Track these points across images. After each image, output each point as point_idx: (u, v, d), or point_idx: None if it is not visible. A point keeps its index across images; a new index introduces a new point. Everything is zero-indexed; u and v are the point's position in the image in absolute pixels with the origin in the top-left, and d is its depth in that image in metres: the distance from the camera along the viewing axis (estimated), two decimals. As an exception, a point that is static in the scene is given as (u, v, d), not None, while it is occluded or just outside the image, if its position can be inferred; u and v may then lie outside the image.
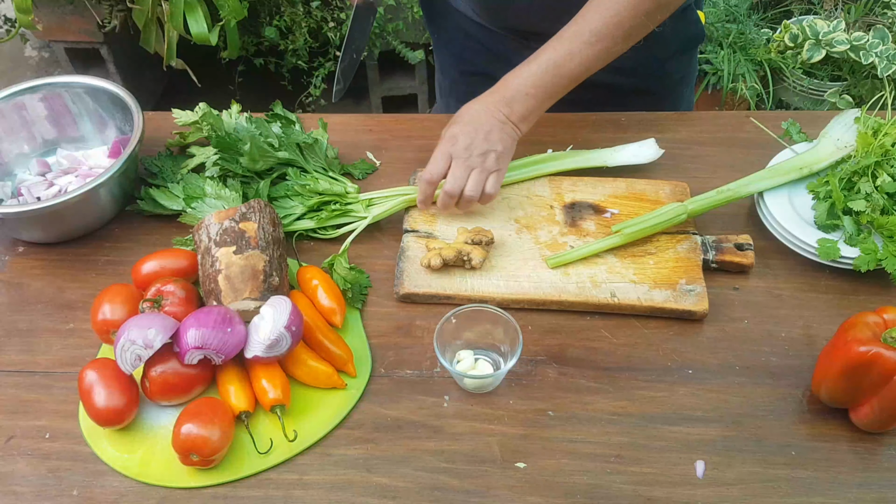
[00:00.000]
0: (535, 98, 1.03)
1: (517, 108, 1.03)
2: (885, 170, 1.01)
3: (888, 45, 2.17)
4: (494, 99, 1.03)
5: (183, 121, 1.17)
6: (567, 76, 1.02)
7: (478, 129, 1.01)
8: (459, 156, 1.01)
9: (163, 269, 0.98)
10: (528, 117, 1.04)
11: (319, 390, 0.91)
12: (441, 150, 1.03)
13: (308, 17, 2.49)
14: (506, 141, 1.03)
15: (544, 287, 0.99)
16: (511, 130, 1.03)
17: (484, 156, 1.01)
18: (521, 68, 1.04)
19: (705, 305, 0.96)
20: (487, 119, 1.02)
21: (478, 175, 1.01)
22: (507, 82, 1.04)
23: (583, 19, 1.01)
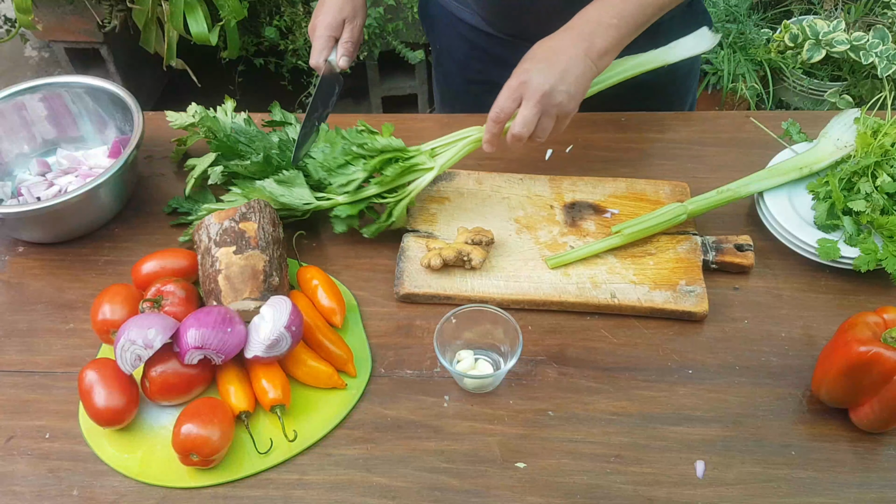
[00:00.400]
0: (617, 29, 0.96)
1: (598, 42, 0.95)
2: (884, 170, 1.01)
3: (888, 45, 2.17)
4: (571, 35, 0.97)
5: (178, 123, 1.17)
6: (652, 4, 0.97)
7: (553, 66, 0.94)
8: (531, 97, 0.94)
9: (163, 269, 0.98)
10: (610, 51, 0.97)
11: (319, 390, 0.91)
12: (511, 87, 0.96)
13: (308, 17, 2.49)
14: (581, 81, 0.96)
15: (544, 288, 0.99)
16: (588, 68, 0.96)
17: (556, 96, 0.94)
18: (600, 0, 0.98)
19: (705, 306, 0.96)
20: (564, 57, 0.95)
21: (547, 119, 0.96)
22: (585, 15, 0.98)
23: None
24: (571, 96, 0.95)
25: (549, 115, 0.96)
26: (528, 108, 0.95)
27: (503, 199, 1.11)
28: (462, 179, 1.14)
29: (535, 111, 0.95)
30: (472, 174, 1.15)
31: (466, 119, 1.28)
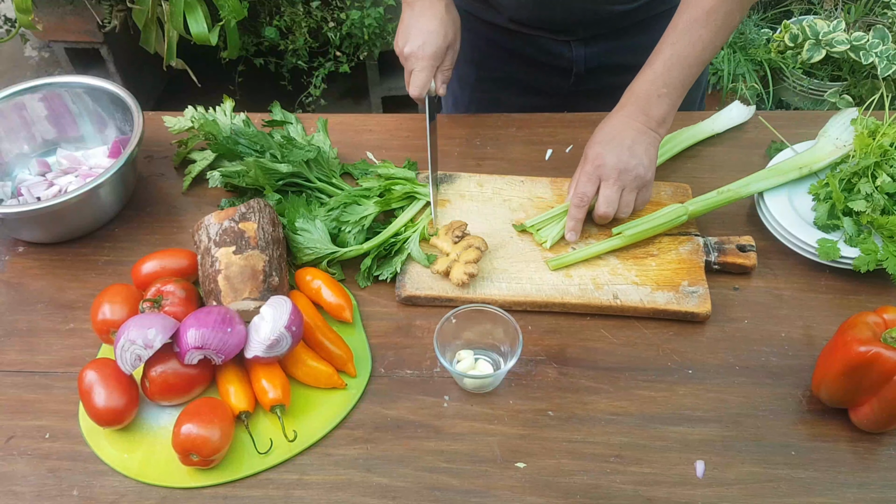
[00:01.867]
0: (668, 97, 1.00)
1: (654, 112, 1.00)
2: (884, 170, 1.01)
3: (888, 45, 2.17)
4: (628, 111, 1.02)
5: (176, 129, 1.17)
6: (695, 64, 1.00)
7: (621, 143, 0.99)
8: (609, 176, 0.99)
9: (163, 269, 0.98)
10: (667, 118, 1.02)
11: (319, 390, 0.91)
12: (587, 171, 1.01)
13: (308, 17, 2.49)
14: (650, 151, 1.01)
15: (546, 289, 0.99)
16: (652, 138, 1.01)
17: (632, 171, 0.99)
18: (645, 71, 1.01)
19: (708, 307, 0.96)
20: (627, 132, 1.00)
21: (629, 194, 1.00)
22: (634, 91, 1.02)
23: (692, 5, 0.99)
24: (646, 167, 1.00)
25: (629, 189, 1.00)
26: (608, 188, 1.00)
27: (504, 200, 1.11)
28: (463, 182, 1.14)
29: (616, 188, 1.00)
30: (473, 177, 1.15)
31: (465, 119, 1.28)
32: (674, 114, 1.02)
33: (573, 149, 1.21)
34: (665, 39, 1.01)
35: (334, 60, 2.59)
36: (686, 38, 0.99)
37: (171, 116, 1.18)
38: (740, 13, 1.00)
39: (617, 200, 1.00)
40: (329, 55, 2.60)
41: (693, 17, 0.98)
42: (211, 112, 1.17)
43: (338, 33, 2.51)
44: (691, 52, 0.99)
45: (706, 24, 0.98)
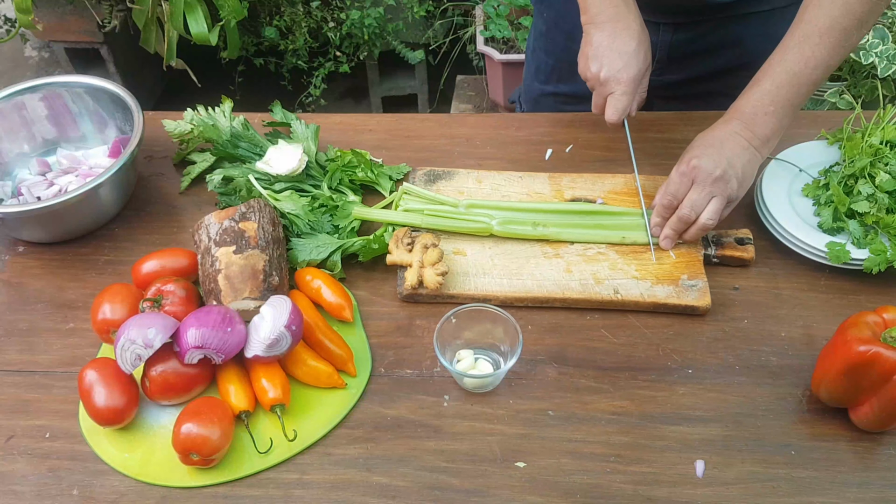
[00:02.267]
0: (775, 115, 0.96)
1: (759, 131, 0.97)
2: (880, 168, 1.01)
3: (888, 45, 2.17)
4: (733, 125, 0.98)
5: (176, 133, 1.17)
6: (806, 83, 0.95)
7: (721, 153, 0.96)
8: (703, 180, 0.96)
9: (163, 269, 0.98)
10: (772, 138, 0.98)
11: (319, 390, 0.91)
12: (682, 172, 0.98)
13: (308, 17, 2.49)
14: (747, 169, 0.97)
15: (547, 285, 0.99)
16: (753, 156, 0.98)
17: (726, 182, 0.96)
18: (752, 88, 0.98)
19: (708, 300, 0.96)
20: (730, 144, 0.97)
21: (718, 202, 0.96)
22: (740, 107, 0.99)
23: (806, 21, 0.95)
24: (741, 182, 0.97)
25: (720, 198, 0.97)
26: (697, 192, 0.97)
27: (503, 196, 1.11)
28: (461, 178, 1.14)
29: (706, 193, 0.96)
30: (471, 173, 1.15)
31: (465, 119, 1.28)
32: (780, 134, 0.99)
33: (573, 149, 1.21)
34: (776, 56, 0.97)
35: (334, 60, 2.59)
36: (798, 56, 0.95)
37: (170, 120, 1.18)
38: (858, 33, 0.94)
39: (703, 205, 0.97)
40: (329, 55, 2.60)
41: (806, 34, 0.94)
42: (210, 114, 1.17)
43: (338, 33, 2.51)
44: (803, 70, 0.95)
45: (820, 42, 0.93)
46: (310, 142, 1.15)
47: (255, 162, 1.13)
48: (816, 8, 0.94)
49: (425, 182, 1.13)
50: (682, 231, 1.00)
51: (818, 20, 0.94)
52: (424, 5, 2.50)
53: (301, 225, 1.05)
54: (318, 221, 1.06)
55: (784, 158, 1.11)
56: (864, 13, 0.93)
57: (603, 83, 1.04)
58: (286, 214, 1.06)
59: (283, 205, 1.06)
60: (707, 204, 0.97)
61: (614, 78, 1.03)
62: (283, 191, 1.10)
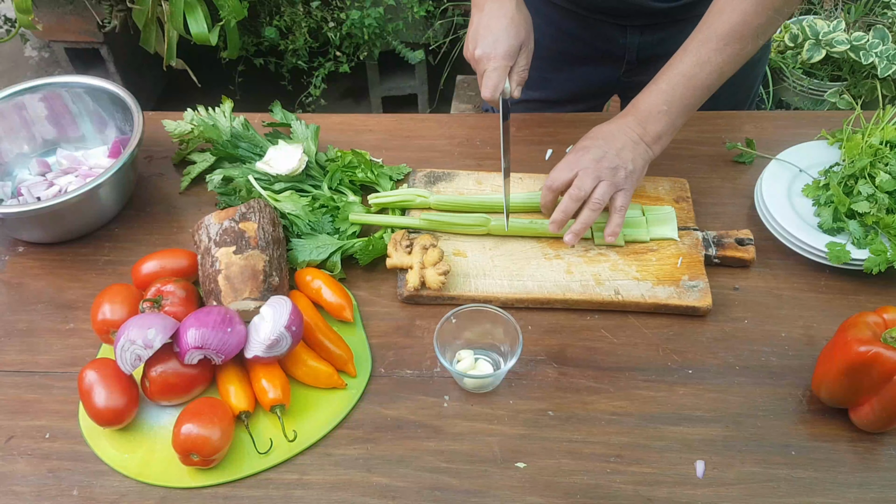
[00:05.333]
0: (668, 115, 0.99)
1: (651, 128, 1.00)
2: (880, 168, 1.01)
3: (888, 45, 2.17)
4: (627, 120, 1.01)
5: (177, 133, 1.17)
6: (700, 87, 0.98)
7: (610, 144, 0.99)
8: (587, 166, 0.98)
9: (163, 269, 0.98)
10: (663, 136, 1.01)
11: (319, 390, 0.91)
12: (567, 160, 1.00)
13: (308, 17, 2.49)
14: (637, 161, 0.99)
15: (548, 286, 0.99)
16: (644, 151, 1.00)
17: (614, 170, 0.98)
18: (650, 88, 1.01)
19: (709, 301, 0.96)
20: (621, 137, 0.99)
21: (606, 186, 0.97)
22: (637, 104, 1.01)
23: (707, 25, 0.98)
24: (629, 172, 0.98)
25: (607, 182, 0.98)
26: (584, 174, 0.98)
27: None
28: (462, 180, 1.14)
29: (592, 179, 0.97)
30: (471, 174, 1.15)
31: (465, 119, 1.28)
32: (673, 133, 1.01)
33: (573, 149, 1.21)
34: (675, 58, 1.00)
35: (334, 60, 2.59)
36: (694, 59, 0.97)
37: (170, 120, 1.18)
38: (753, 42, 0.97)
39: (591, 186, 0.97)
40: (329, 55, 2.60)
41: (705, 38, 0.97)
42: (210, 114, 1.17)
43: (338, 33, 2.51)
44: (698, 73, 0.97)
45: (717, 48, 0.96)
46: (310, 142, 1.15)
47: (255, 162, 1.13)
48: (718, 14, 0.97)
49: (425, 183, 1.13)
50: (571, 211, 0.99)
51: (718, 26, 0.96)
52: (424, 5, 2.50)
53: (301, 225, 1.05)
54: (319, 222, 1.06)
55: (784, 158, 1.11)
56: (760, 24, 0.96)
57: (478, 61, 1.05)
58: (286, 215, 1.06)
59: (283, 205, 1.06)
60: (595, 186, 0.98)
61: (486, 55, 1.03)
62: (283, 191, 1.10)
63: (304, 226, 1.05)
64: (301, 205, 1.07)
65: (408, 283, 0.98)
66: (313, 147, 1.15)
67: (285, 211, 1.06)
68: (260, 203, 0.99)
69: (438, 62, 2.78)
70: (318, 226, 1.05)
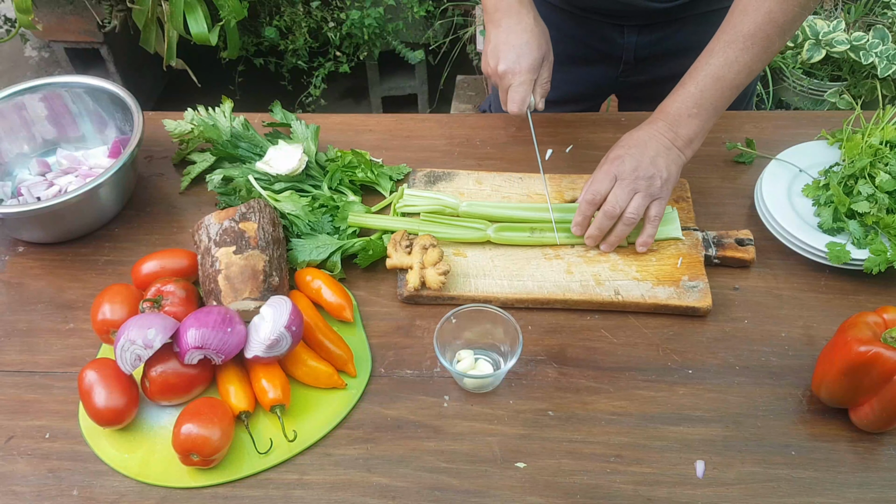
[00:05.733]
0: (698, 117, 0.99)
1: (682, 132, 0.99)
2: (880, 168, 1.01)
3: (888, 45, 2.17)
4: (657, 126, 1.00)
5: (177, 133, 1.17)
6: (729, 87, 0.97)
7: (644, 152, 0.98)
8: (625, 177, 0.98)
9: (163, 269, 0.98)
10: (695, 140, 1.00)
11: (319, 390, 0.91)
12: (605, 171, 1.00)
13: (308, 17, 2.49)
14: (671, 168, 0.99)
15: (548, 286, 0.99)
16: (677, 156, 1.00)
17: (650, 179, 0.98)
18: (678, 91, 1.00)
19: (709, 301, 0.96)
20: (653, 144, 0.99)
21: (641, 198, 0.98)
22: (665, 108, 1.01)
23: (732, 26, 0.97)
24: (664, 180, 0.98)
25: (642, 194, 0.98)
26: (620, 188, 0.98)
27: (503, 198, 1.11)
28: (462, 179, 1.14)
29: (630, 190, 0.98)
30: (471, 174, 1.15)
31: (465, 119, 1.28)
32: (704, 135, 1.01)
33: (573, 149, 1.21)
34: (701, 59, 0.99)
35: (334, 60, 2.59)
36: (722, 60, 0.97)
37: (170, 120, 1.18)
38: (780, 39, 0.96)
39: (626, 201, 0.98)
40: (329, 55, 2.60)
41: (731, 39, 0.96)
42: (210, 114, 1.17)
43: (338, 33, 2.51)
44: (726, 73, 0.97)
45: (744, 47, 0.95)
46: (310, 142, 1.15)
47: (255, 162, 1.13)
48: (742, 14, 0.96)
49: (425, 183, 1.13)
50: (606, 228, 1.00)
51: (743, 26, 0.96)
52: (424, 5, 2.50)
53: (301, 225, 1.05)
54: (319, 222, 1.06)
55: (784, 158, 1.11)
56: (786, 21, 0.95)
57: (501, 76, 1.06)
58: (286, 215, 1.06)
59: (283, 205, 1.06)
60: (630, 200, 0.98)
61: (510, 70, 1.04)
62: (282, 191, 1.10)
63: (303, 226, 1.05)
64: (301, 205, 1.07)
65: (408, 283, 0.98)
66: (313, 147, 1.15)
67: (285, 211, 1.06)
68: (260, 203, 0.99)
69: (438, 62, 2.78)
70: (317, 226, 1.05)
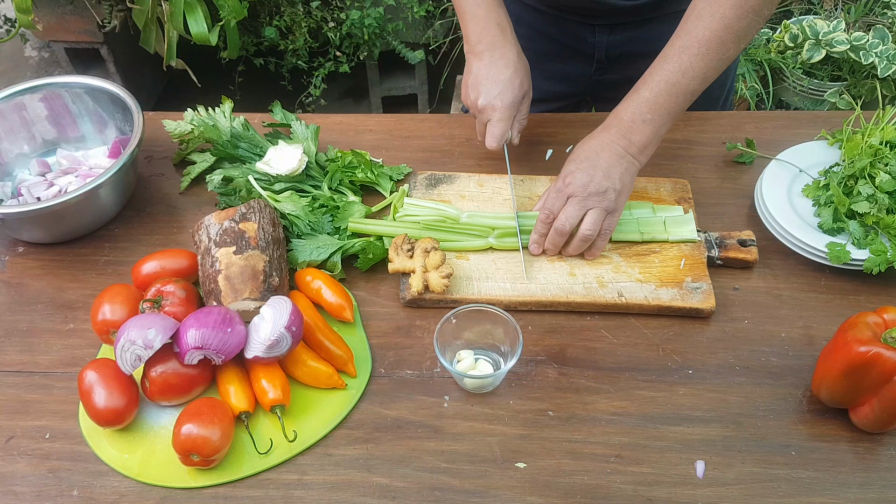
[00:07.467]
0: (652, 123, 0.98)
1: (636, 139, 0.98)
2: (880, 168, 1.01)
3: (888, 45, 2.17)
4: (610, 134, 0.99)
5: (177, 133, 1.17)
6: (683, 93, 0.97)
7: (596, 165, 0.98)
8: (576, 194, 0.98)
9: (163, 270, 0.98)
10: (649, 145, 0.99)
11: (319, 390, 0.91)
12: (557, 188, 1.00)
13: (308, 17, 2.49)
14: (625, 178, 0.98)
15: (551, 289, 0.99)
16: (630, 164, 0.99)
17: (602, 194, 0.97)
18: (632, 96, 0.99)
19: (712, 303, 0.96)
20: (606, 154, 0.98)
21: (595, 214, 0.98)
22: (619, 114, 1.00)
23: (686, 32, 0.96)
24: (618, 192, 0.98)
25: (597, 210, 0.98)
26: (572, 205, 0.98)
27: (504, 200, 1.11)
28: (463, 182, 1.14)
29: (581, 207, 0.98)
30: (472, 177, 1.15)
31: (465, 119, 1.28)
32: (657, 141, 1.00)
33: (573, 149, 1.21)
34: (655, 65, 0.99)
35: (334, 60, 2.59)
36: (677, 65, 0.96)
37: (170, 120, 1.18)
38: (735, 47, 0.96)
39: (577, 218, 0.98)
40: (329, 55, 2.60)
41: (685, 45, 0.96)
42: (210, 114, 1.17)
43: (338, 33, 2.51)
44: (680, 80, 0.96)
45: (699, 53, 0.95)
46: (310, 142, 1.15)
47: (255, 162, 1.13)
48: (697, 19, 0.95)
49: (426, 186, 1.13)
50: (559, 245, 1.01)
51: (698, 32, 0.95)
52: (424, 5, 2.50)
53: (301, 226, 1.05)
54: (319, 222, 1.06)
55: (784, 159, 1.11)
56: (741, 28, 0.94)
57: (481, 110, 1.07)
58: (286, 215, 1.06)
59: (283, 205, 1.06)
60: (583, 216, 0.98)
61: (490, 105, 1.05)
62: (282, 191, 1.10)
63: (304, 226, 1.05)
64: (301, 205, 1.07)
65: (411, 287, 0.97)
66: (313, 147, 1.15)
67: (285, 211, 1.06)
68: (260, 203, 0.99)
69: (438, 62, 2.78)
70: (318, 226, 1.05)
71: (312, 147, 1.15)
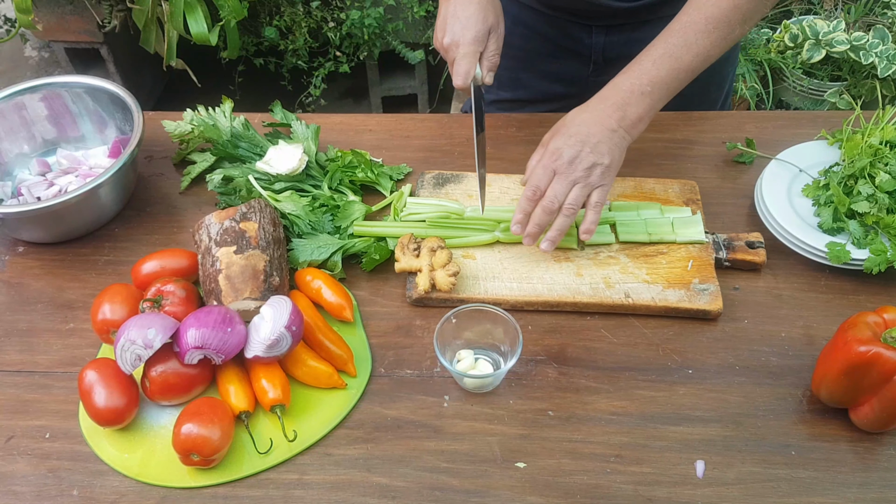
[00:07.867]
0: (650, 96, 0.95)
1: (631, 112, 0.95)
2: (880, 168, 1.01)
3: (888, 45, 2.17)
4: (605, 106, 0.96)
5: (177, 133, 1.17)
6: (685, 69, 0.94)
7: (585, 140, 0.94)
8: (562, 171, 0.94)
9: (163, 269, 0.98)
10: (643, 119, 0.96)
11: (319, 390, 0.91)
12: (543, 164, 0.96)
13: (308, 17, 2.49)
14: (614, 152, 0.95)
15: (558, 289, 0.99)
16: (621, 139, 0.96)
17: (590, 170, 0.94)
18: (632, 67, 0.96)
19: (719, 304, 0.96)
20: (597, 129, 0.95)
21: (581, 189, 0.94)
22: (617, 85, 0.97)
23: (695, 8, 0.94)
24: (605, 167, 0.95)
25: (581, 185, 0.95)
26: (559, 181, 0.95)
27: (512, 200, 1.11)
28: (471, 182, 1.14)
29: (566, 185, 0.95)
30: (476, 175, 1.15)
31: (465, 119, 1.28)
32: (651, 117, 0.97)
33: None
34: (660, 38, 0.97)
35: (334, 60, 2.59)
36: (681, 40, 0.94)
37: (170, 120, 1.18)
38: (741, 28, 0.95)
39: (564, 195, 0.94)
40: (329, 55, 2.60)
41: (692, 21, 0.95)
42: (210, 114, 1.17)
43: (338, 33, 2.51)
44: (684, 55, 0.94)
45: (705, 30, 0.94)
46: (310, 142, 1.15)
47: (255, 162, 1.13)
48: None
49: (434, 185, 1.13)
50: (545, 224, 0.96)
51: (706, 9, 0.94)
52: (424, 5, 2.50)
53: (302, 225, 1.05)
54: (319, 222, 1.06)
55: (784, 158, 1.11)
56: (749, 10, 0.93)
57: (447, 49, 1.02)
58: (287, 215, 1.06)
59: (283, 205, 1.06)
60: (569, 192, 0.95)
61: (454, 42, 1.01)
62: (283, 191, 1.10)
63: (304, 226, 1.05)
64: (301, 205, 1.07)
65: (417, 286, 0.97)
66: (313, 147, 1.15)
67: (286, 211, 1.06)
68: (260, 203, 0.99)
69: (438, 62, 2.78)
70: (318, 226, 1.05)
71: (312, 147, 1.15)
